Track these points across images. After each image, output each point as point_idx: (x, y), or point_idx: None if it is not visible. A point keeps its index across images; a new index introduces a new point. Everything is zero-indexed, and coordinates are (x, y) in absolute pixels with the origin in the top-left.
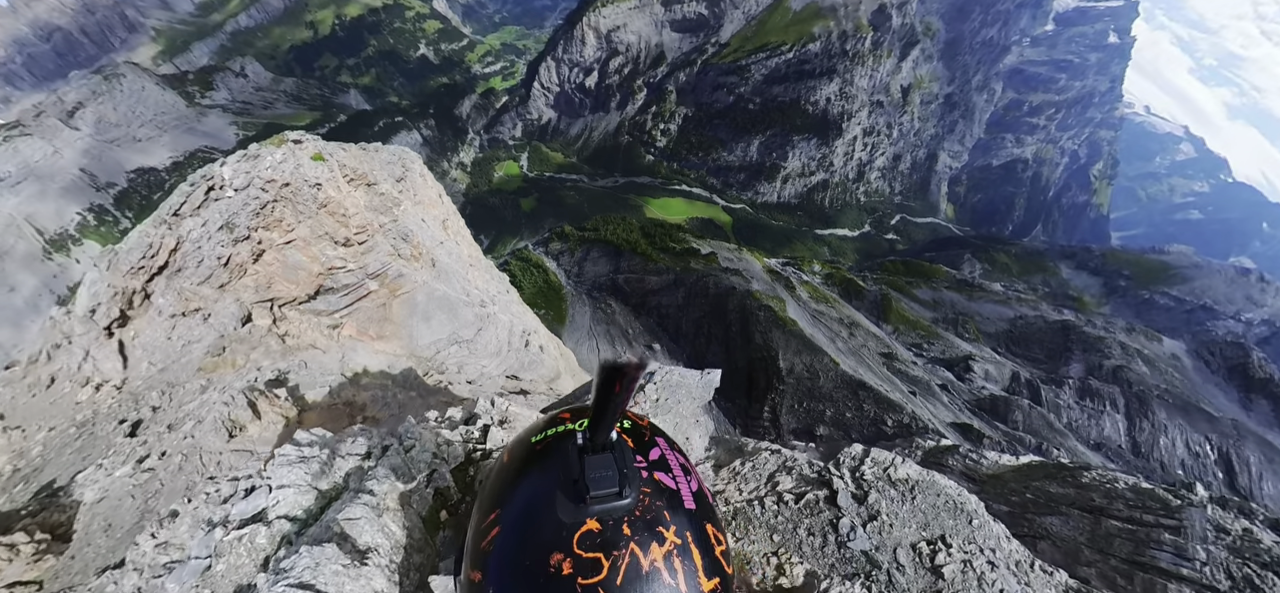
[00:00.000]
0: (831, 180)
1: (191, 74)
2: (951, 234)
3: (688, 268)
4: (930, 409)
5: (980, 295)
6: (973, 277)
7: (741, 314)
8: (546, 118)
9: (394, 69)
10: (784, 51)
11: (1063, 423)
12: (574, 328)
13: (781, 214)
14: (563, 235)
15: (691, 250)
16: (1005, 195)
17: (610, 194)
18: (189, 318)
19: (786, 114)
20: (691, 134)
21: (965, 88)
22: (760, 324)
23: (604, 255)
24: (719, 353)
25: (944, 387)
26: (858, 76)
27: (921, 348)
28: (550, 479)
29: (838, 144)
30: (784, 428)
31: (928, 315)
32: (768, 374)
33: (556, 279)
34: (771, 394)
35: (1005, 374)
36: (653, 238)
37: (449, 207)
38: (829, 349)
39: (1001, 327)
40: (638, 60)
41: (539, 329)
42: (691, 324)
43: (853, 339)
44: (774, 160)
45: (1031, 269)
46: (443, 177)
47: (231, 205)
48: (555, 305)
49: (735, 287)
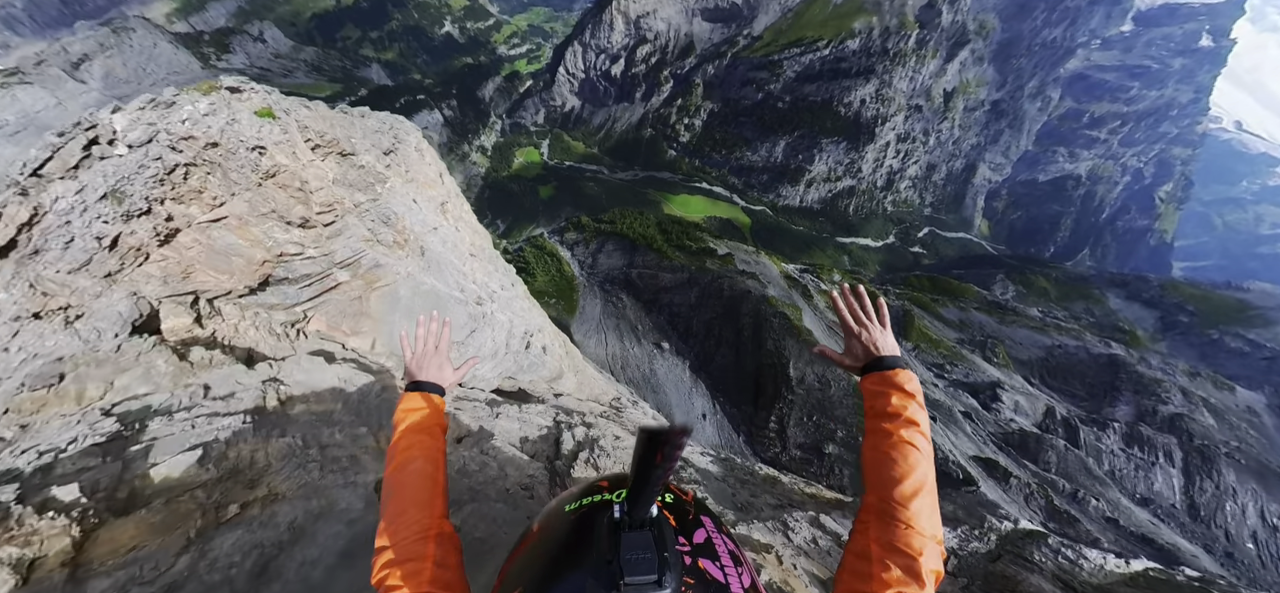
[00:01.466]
0: (858, 187)
1: (207, 34)
2: (984, 252)
3: (703, 267)
4: (951, 438)
5: (1013, 319)
6: (1005, 298)
7: (754, 319)
8: (570, 105)
9: (418, 45)
10: (820, 48)
11: (1104, 470)
12: (583, 320)
13: (803, 219)
14: (579, 226)
15: (708, 250)
16: (1049, 214)
17: (630, 188)
18: (45, 320)
19: (817, 115)
20: (716, 130)
21: (1016, 94)
22: (773, 331)
23: (619, 248)
24: (728, 356)
25: (967, 414)
26: (897, 78)
27: (943, 369)
28: (581, 558)
29: (868, 150)
30: (790, 441)
31: (952, 336)
32: (777, 383)
33: (570, 270)
34: (779, 404)
35: (1038, 408)
36: (669, 234)
37: (451, 187)
38: None
39: (1036, 355)
40: (666, 50)
41: (544, 327)
42: (702, 325)
43: None
44: (799, 163)
45: (1073, 296)
46: (463, 159)
47: (122, 167)
48: (567, 296)
49: (750, 290)
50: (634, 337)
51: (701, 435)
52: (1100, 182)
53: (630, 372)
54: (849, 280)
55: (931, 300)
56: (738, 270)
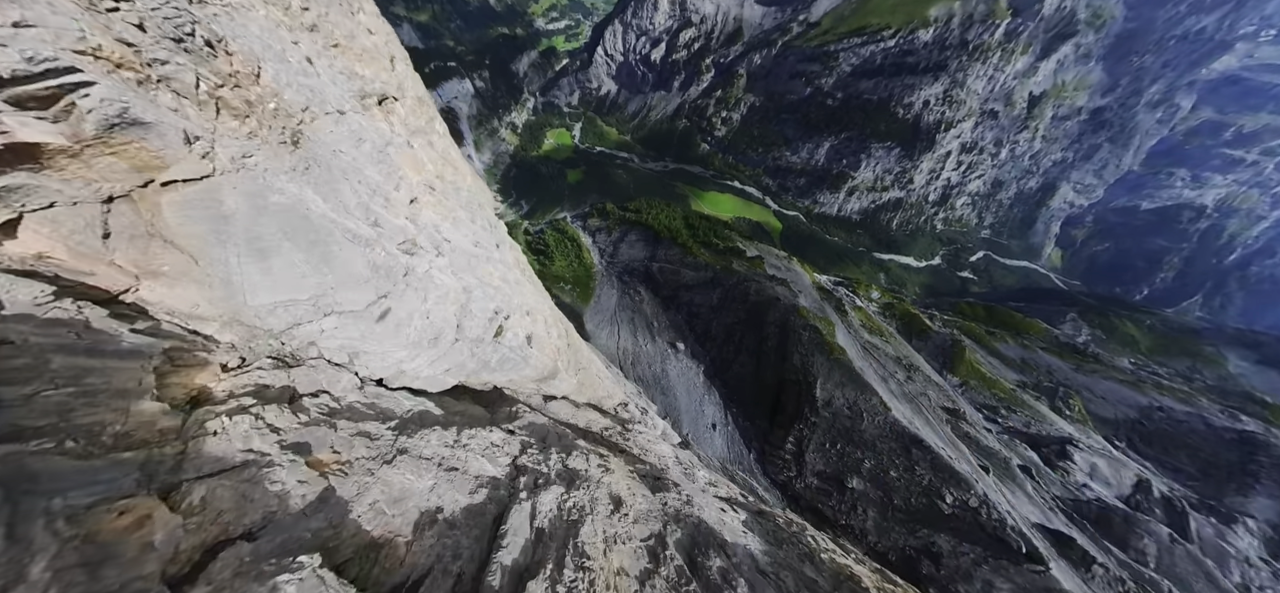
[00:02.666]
0: (907, 200)
1: None
2: (1052, 286)
3: (729, 268)
4: (1009, 497)
5: (1094, 369)
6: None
7: (781, 329)
8: (606, 88)
9: (453, 9)
10: (884, 38)
11: (1235, 582)
12: (598, 310)
13: (839, 229)
14: (603, 212)
15: (736, 250)
16: (1148, 250)
17: (659, 179)
18: None
19: (870, 116)
20: (755, 126)
21: (1130, 101)
22: (801, 344)
23: (642, 240)
24: (747, 365)
25: (1027, 470)
26: (972, 77)
27: (997, 413)
28: None
29: (925, 159)
30: (808, 467)
31: (1011, 377)
32: (799, 401)
33: (589, 257)
34: (800, 425)
35: (1125, 479)
36: (696, 230)
37: (407, 83)
38: (879, 389)
39: (1126, 415)
40: (711, 35)
41: (535, 311)
42: (722, 329)
43: (909, 383)
44: (843, 168)
45: (1172, 350)
46: (492, 134)
47: None
48: (583, 284)
49: (779, 298)
50: (648, 333)
51: (710, 447)
52: (1234, 215)
53: (640, 370)
54: (889, 298)
55: (987, 332)
56: (767, 275)
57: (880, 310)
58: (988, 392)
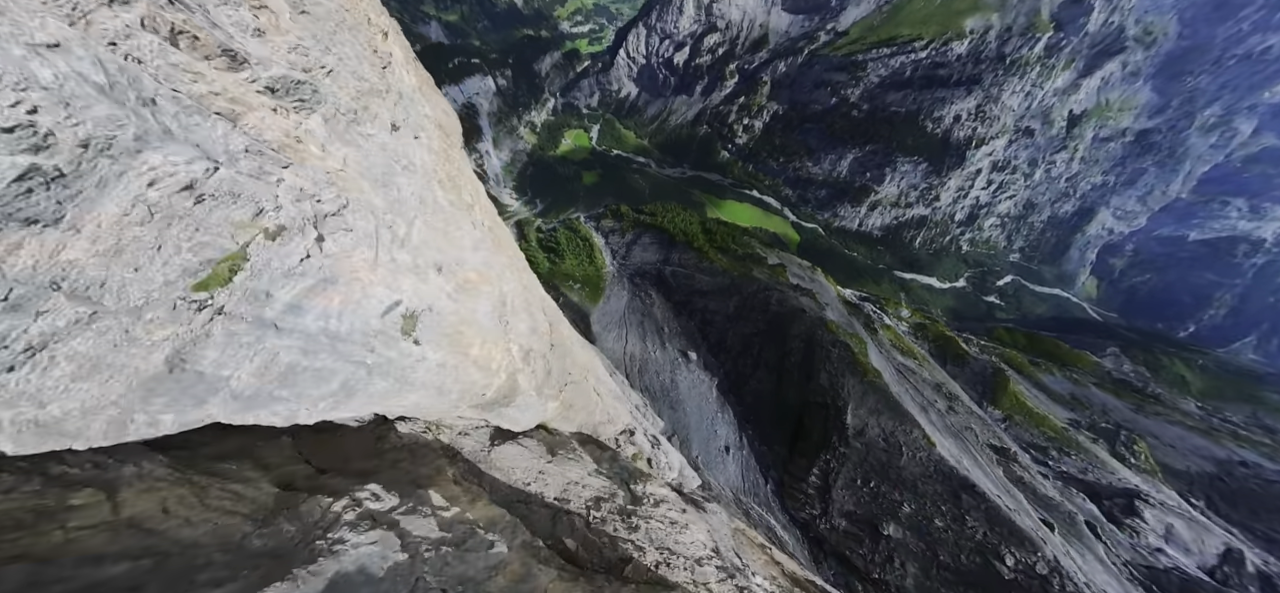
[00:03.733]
0: (932, 218)
1: None
2: (1086, 317)
3: (748, 275)
4: (1078, 560)
5: (1157, 409)
6: (1142, 382)
7: (807, 344)
8: (626, 91)
9: (480, 11)
10: (915, 49)
11: None
12: (606, 312)
13: (858, 245)
14: (617, 214)
15: (756, 257)
16: (1196, 284)
17: (675, 184)
18: None
19: (897, 129)
20: (777, 135)
21: (1181, 123)
22: (830, 362)
23: (656, 242)
24: (766, 382)
25: (1092, 526)
26: (1008, 92)
27: (1047, 455)
28: None
29: (953, 176)
30: (834, 506)
31: (1062, 414)
32: (826, 427)
33: (601, 258)
34: (826, 455)
35: (1210, 547)
36: (713, 235)
37: None
38: (920, 420)
39: (1201, 468)
40: (736, 41)
41: (509, 300)
42: (739, 339)
43: (952, 415)
44: (866, 181)
45: (1229, 394)
46: (511, 132)
47: None
48: (593, 284)
49: (805, 310)
50: (658, 339)
51: (722, 472)
52: None
53: (648, 378)
54: (921, 317)
55: (1030, 363)
56: (791, 285)
57: (911, 330)
58: (1036, 429)
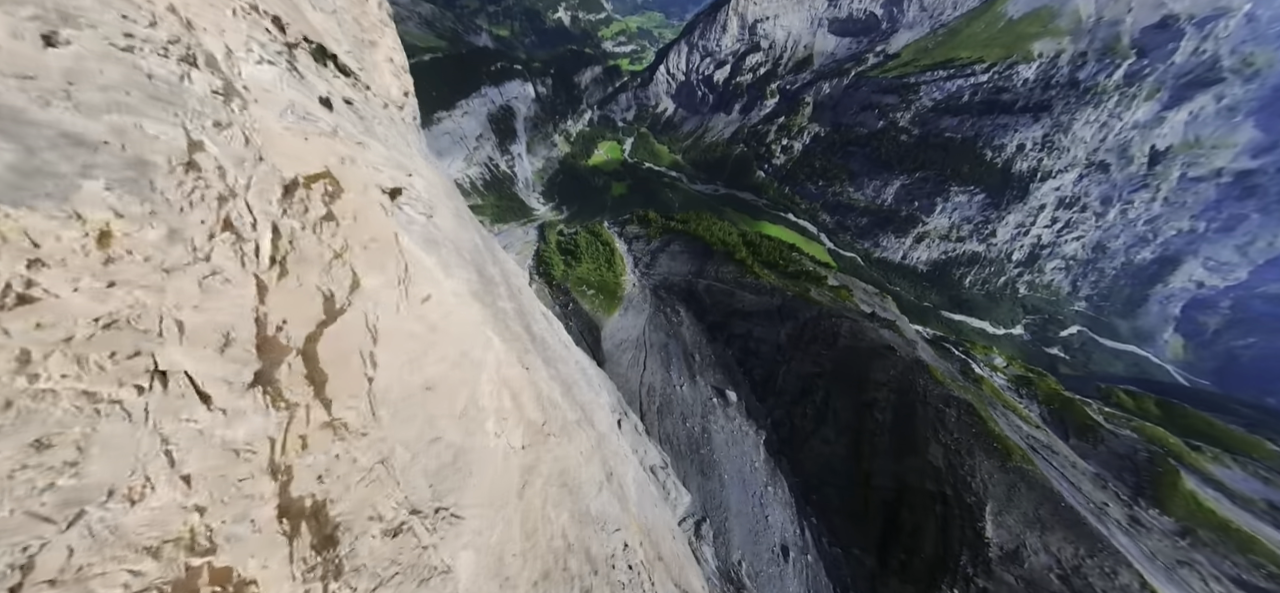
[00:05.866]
0: (986, 256)
1: None
2: (1172, 382)
3: (804, 295)
4: None
5: None
6: None
7: (901, 396)
8: (663, 106)
9: (530, 27)
10: (975, 72)
11: None
12: (621, 326)
13: (901, 279)
14: (644, 220)
15: (812, 274)
16: None
17: (708, 202)
18: None
19: (951, 156)
20: (817, 157)
21: None
22: (946, 429)
23: (687, 251)
24: (838, 446)
25: None
26: (1080, 123)
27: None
28: None
29: (1013, 211)
30: None
31: (1269, 534)
32: (947, 537)
33: (621, 263)
34: (952, 583)
35: None
36: (756, 249)
37: None
38: (1124, 548)
39: None
40: (779, 61)
41: None
42: (795, 380)
43: (1139, 531)
44: (914, 211)
45: None
46: (546, 139)
47: None
48: (609, 291)
49: (893, 348)
50: (686, 370)
51: (776, 588)
52: None
53: (670, 424)
54: (1022, 368)
55: (1189, 447)
56: (864, 312)
57: (1010, 384)
58: (1240, 555)
